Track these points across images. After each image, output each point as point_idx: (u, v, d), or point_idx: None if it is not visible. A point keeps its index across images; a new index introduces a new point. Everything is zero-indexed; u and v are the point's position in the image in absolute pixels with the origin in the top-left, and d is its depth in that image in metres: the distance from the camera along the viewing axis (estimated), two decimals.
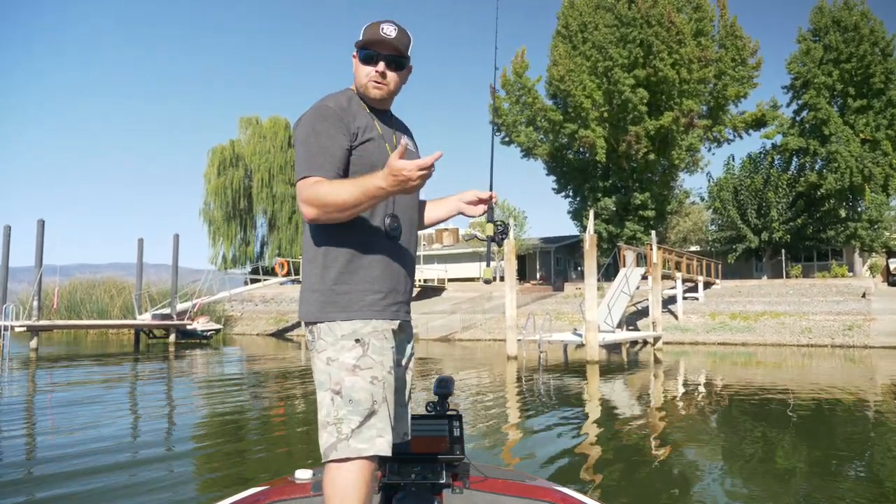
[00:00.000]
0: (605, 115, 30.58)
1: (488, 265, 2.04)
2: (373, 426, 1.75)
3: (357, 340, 1.80)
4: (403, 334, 1.98)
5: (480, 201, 2.12)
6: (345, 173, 1.86)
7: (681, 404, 9.70)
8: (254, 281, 35.00)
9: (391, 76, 1.98)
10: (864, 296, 24.16)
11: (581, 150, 32.94)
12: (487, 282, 2.05)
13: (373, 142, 1.93)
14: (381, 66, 1.95)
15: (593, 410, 9.21)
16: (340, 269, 1.85)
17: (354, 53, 2.01)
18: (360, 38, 1.97)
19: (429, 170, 1.71)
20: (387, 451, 1.77)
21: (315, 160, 1.83)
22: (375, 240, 1.89)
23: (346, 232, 1.86)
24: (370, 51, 1.95)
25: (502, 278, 29.86)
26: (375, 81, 1.96)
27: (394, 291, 1.91)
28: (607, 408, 9.47)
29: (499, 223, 2.04)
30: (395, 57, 1.97)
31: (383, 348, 1.83)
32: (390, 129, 2.03)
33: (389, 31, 1.95)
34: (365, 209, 1.83)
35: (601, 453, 6.38)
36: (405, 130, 2.14)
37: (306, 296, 1.89)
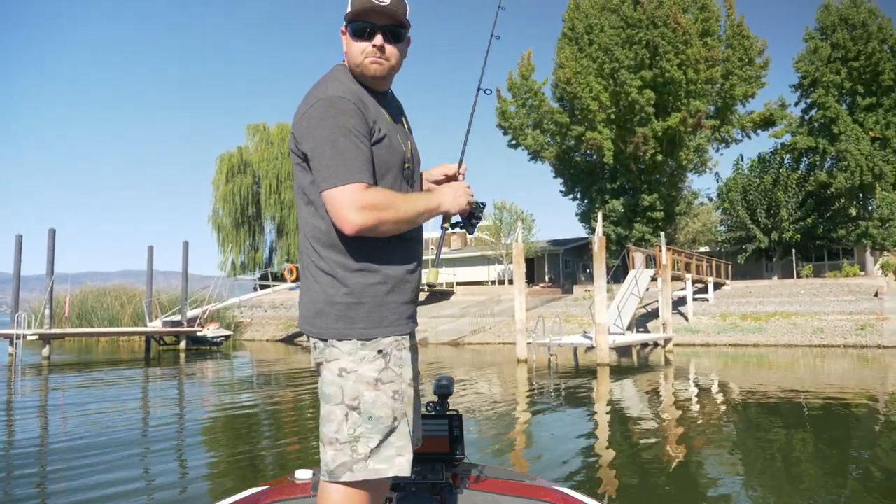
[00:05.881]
0: (612, 116, 30.52)
1: (436, 263, 1.83)
2: (392, 444, 1.59)
3: (380, 351, 1.62)
4: (412, 341, 1.81)
5: (448, 178, 1.93)
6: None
7: (689, 406, 9.63)
8: (263, 287, 35.13)
9: (390, 50, 1.72)
10: (876, 295, 23.93)
11: (588, 152, 32.89)
12: (431, 286, 1.80)
13: (387, 139, 1.69)
14: (379, 39, 1.70)
15: (600, 412, 9.16)
16: (364, 279, 1.63)
17: (343, 28, 1.75)
18: (349, 8, 1.71)
19: None
20: (407, 471, 1.60)
21: (354, 163, 1.57)
22: (396, 242, 1.68)
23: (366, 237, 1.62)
24: (363, 22, 1.70)
25: (511, 281, 29.82)
26: (374, 57, 1.71)
27: (414, 299, 1.73)
28: (615, 409, 9.41)
29: (474, 203, 1.83)
30: (393, 27, 1.72)
31: (403, 359, 1.65)
32: (394, 118, 1.79)
33: None
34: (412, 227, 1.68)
35: (604, 454, 6.34)
36: (401, 111, 1.90)
37: (322, 308, 1.63)
